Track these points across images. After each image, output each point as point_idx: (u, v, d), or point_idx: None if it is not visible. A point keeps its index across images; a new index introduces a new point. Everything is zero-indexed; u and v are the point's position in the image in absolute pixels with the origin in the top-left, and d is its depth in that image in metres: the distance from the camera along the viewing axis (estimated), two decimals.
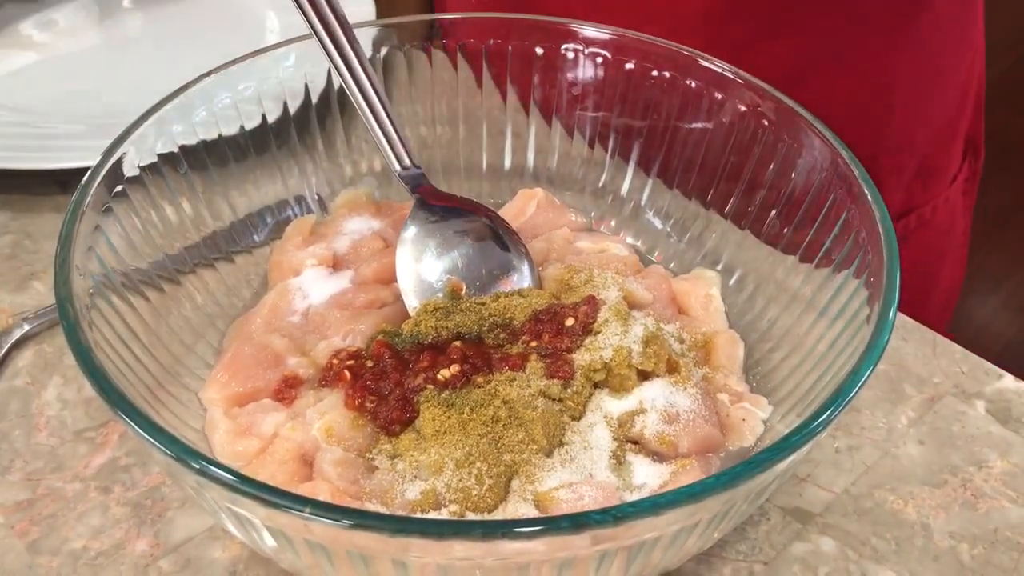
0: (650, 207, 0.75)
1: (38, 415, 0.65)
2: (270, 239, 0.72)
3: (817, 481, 0.63)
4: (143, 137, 0.62)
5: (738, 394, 0.61)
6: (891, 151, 0.90)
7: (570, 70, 0.74)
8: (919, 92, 0.89)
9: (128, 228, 0.61)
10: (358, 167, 0.77)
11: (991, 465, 0.64)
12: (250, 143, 0.71)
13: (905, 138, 0.91)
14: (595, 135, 0.76)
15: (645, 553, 0.46)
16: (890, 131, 0.90)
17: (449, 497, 0.53)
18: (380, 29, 0.74)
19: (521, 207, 0.74)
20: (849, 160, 0.60)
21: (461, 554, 0.42)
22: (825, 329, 0.59)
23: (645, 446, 0.57)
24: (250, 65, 0.69)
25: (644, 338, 0.60)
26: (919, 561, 0.59)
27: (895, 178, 0.92)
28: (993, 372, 0.70)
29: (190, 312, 0.65)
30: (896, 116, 0.89)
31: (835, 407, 0.47)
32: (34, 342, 0.70)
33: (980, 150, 1.03)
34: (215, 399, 0.60)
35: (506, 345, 0.61)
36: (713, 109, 0.70)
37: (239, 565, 0.57)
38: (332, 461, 0.55)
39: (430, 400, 0.56)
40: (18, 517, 0.59)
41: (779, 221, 0.67)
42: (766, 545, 0.59)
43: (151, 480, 0.61)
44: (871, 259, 0.56)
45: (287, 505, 0.42)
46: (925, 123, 0.92)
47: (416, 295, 0.65)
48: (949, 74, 0.92)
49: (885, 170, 0.90)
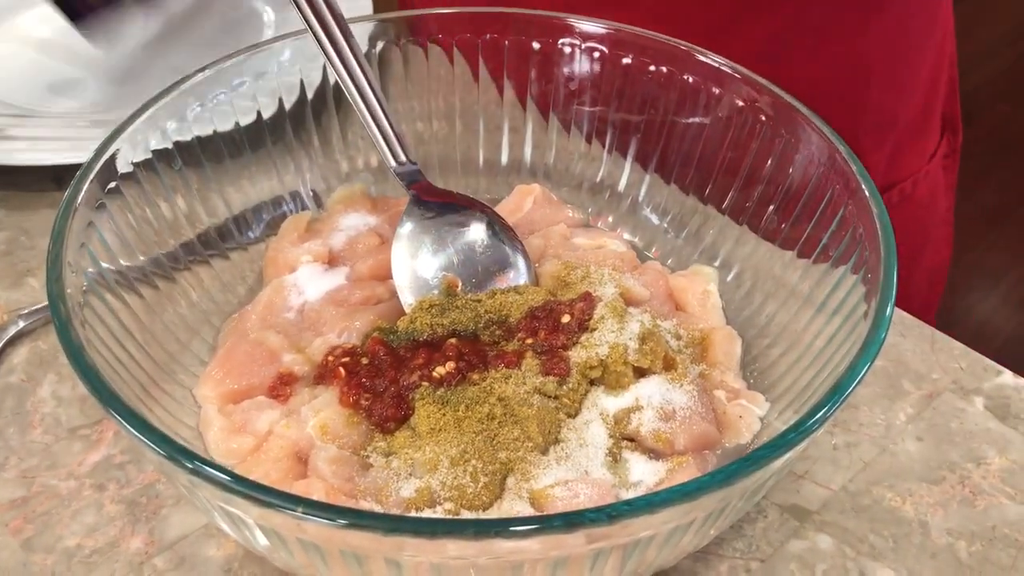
0: (647, 203, 0.75)
1: (33, 412, 0.65)
2: (265, 235, 0.72)
3: (815, 478, 0.62)
4: (137, 133, 0.62)
5: (735, 391, 0.61)
6: (870, 128, 0.91)
7: (567, 65, 0.74)
8: (895, 68, 0.90)
9: (122, 225, 0.60)
10: (354, 163, 0.77)
11: (989, 462, 0.64)
12: (245, 139, 0.70)
13: (883, 115, 0.92)
14: (592, 130, 0.76)
15: (640, 551, 0.46)
16: (869, 108, 0.91)
17: (444, 495, 0.53)
18: (376, 24, 0.74)
19: (518, 203, 0.74)
20: (847, 155, 0.60)
21: (455, 553, 0.42)
22: (823, 325, 0.58)
23: (641, 443, 0.57)
24: (245, 60, 0.69)
25: (640, 335, 0.59)
26: (917, 558, 0.58)
27: (875, 155, 0.93)
28: (992, 368, 0.69)
29: (185, 309, 0.65)
30: (873, 93, 0.90)
31: (832, 404, 0.47)
32: (29, 339, 0.70)
33: (958, 127, 1.05)
34: (210, 396, 0.60)
35: (502, 342, 0.61)
36: (710, 104, 0.69)
37: (234, 563, 0.57)
38: (327, 459, 0.55)
39: (425, 397, 0.56)
40: (12, 515, 0.59)
41: (777, 216, 0.66)
42: (763, 542, 0.59)
43: (146, 478, 0.61)
44: (868, 254, 0.55)
45: (280, 504, 0.42)
46: (903, 100, 0.93)
47: (412, 292, 0.65)
48: (922, 50, 0.93)
49: (866, 147, 0.91)
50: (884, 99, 0.91)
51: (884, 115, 0.92)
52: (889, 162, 0.95)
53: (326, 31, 0.64)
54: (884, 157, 0.94)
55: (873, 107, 0.91)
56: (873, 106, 0.91)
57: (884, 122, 0.93)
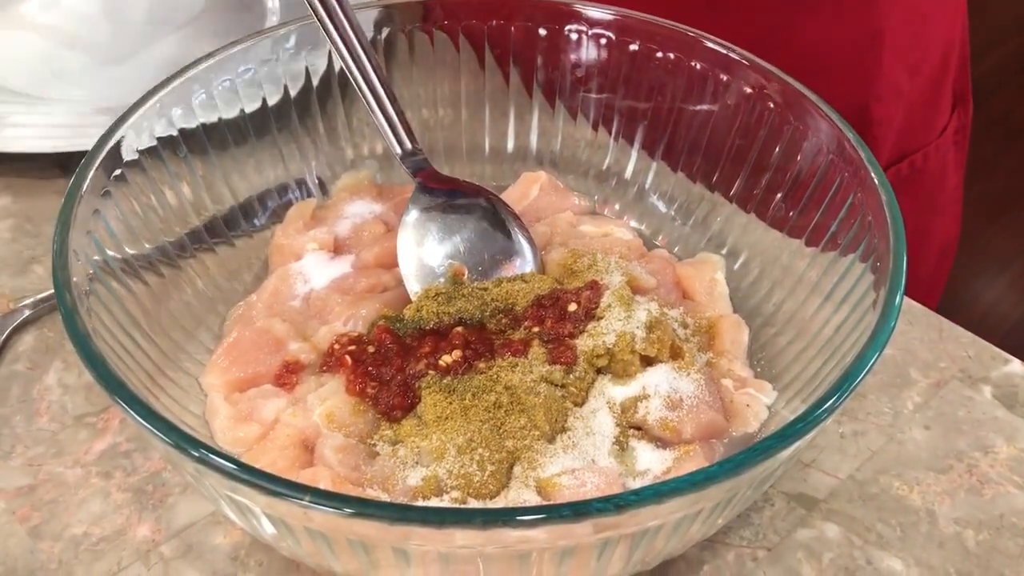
0: (654, 190, 0.75)
1: (39, 400, 0.65)
2: (271, 223, 0.72)
3: (822, 467, 0.62)
4: (142, 120, 0.62)
5: (742, 379, 0.61)
6: (881, 99, 0.91)
7: (574, 51, 0.73)
8: (908, 37, 0.90)
9: (127, 212, 0.60)
10: (359, 150, 0.77)
11: (997, 450, 0.63)
12: (250, 126, 0.70)
13: (894, 86, 0.92)
14: (599, 117, 0.76)
15: (648, 541, 0.46)
16: (881, 77, 0.90)
17: (451, 483, 0.53)
18: (381, 10, 0.73)
19: (524, 190, 0.73)
20: (856, 143, 0.59)
21: (462, 542, 0.42)
22: (831, 314, 0.58)
23: (648, 432, 0.57)
24: (251, 47, 0.68)
25: (647, 323, 0.59)
26: (924, 547, 0.58)
27: (886, 126, 0.93)
28: (1000, 357, 0.69)
29: (190, 297, 0.64)
30: (885, 64, 0.89)
31: (841, 393, 0.47)
32: (35, 327, 0.70)
33: (968, 103, 1.04)
34: (215, 384, 0.60)
35: (508, 331, 0.61)
36: (718, 91, 0.69)
37: (241, 551, 0.57)
38: (333, 447, 0.55)
39: (432, 386, 0.56)
40: (19, 502, 0.59)
41: (785, 204, 0.66)
42: (770, 531, 0.59)
43: (152, 466, 0.61)
44: (877, 243, 0.55)
45: (287, 493, 0.42)
46: (915, 70, 0.93)
47: (418, 280, 0.65)
48: (935, 23, 0.93)
49: (876, 119, 0.91)
50: (897, 68, 0.91)
51: (897, 85, 0.92)
52: (900, 134, 0.95)
53: (331, 17, 0.64)
54: (895, 128, 0.94)
55: (886, 76, 0.90)
56: (886, 75, 0.90)
57: (896, 92, 0.92)
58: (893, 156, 0.96)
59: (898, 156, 0.96)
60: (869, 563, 0.57)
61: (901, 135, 0.95)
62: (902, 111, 0.94)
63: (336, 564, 0.47)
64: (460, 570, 0.46)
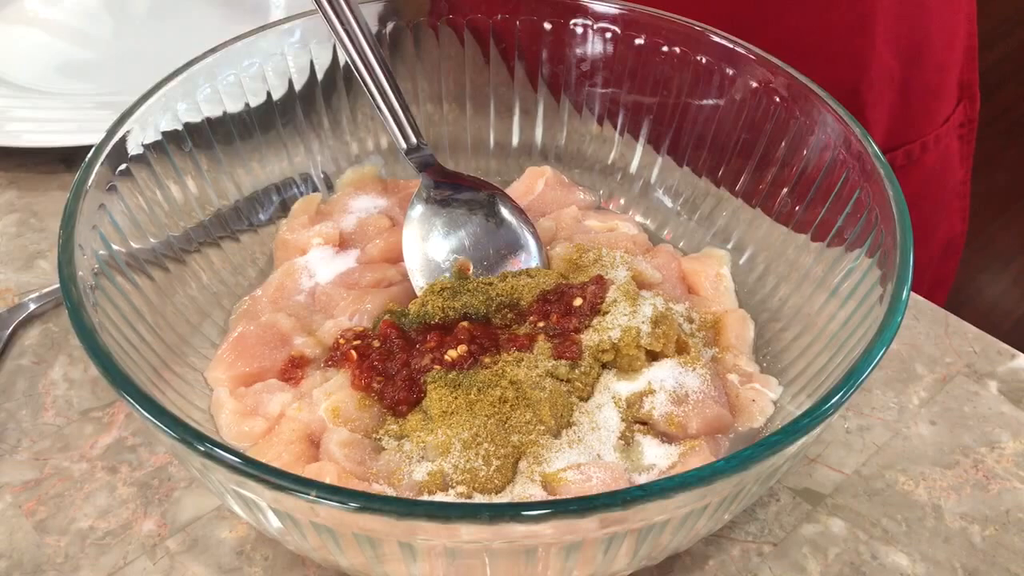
0: (660, 185, 0.75)
1: (45, 394, 0.65)
2: (276, 218, 0.72)
3: (827, 462, 0.62)
4: (147, 115, 0.62)
5: (748, 374, 0.61)
6: (873, 84, 0.90)
7: (579, 45, 0.73)
8: (901, 25, 0.89)
9: (132, 207, 0.60)
10: (364, 145, 0.76)
11: (1003, 446, 0.63)
12: (255, 121, 0.70)
13: (887, 71, 0.91)
14: (604, 112, 0.76)
15: (654, 536, 0.46)
16: (872, 63, 0.89)
17: (456, 478, 0.53)
18: (386, 4, 0.73)
19: (529, 185, 0.73)
20: (862, 137, 0.59)
21: (468, 537, 0.42)
22: (837, 309, 0.58)
23: (654, 427, 0.57)
24: (255, 41, 0.68)
25: (653, 318, 0.59)
26: (930, 543, 0.58)
27: (876, 110, 0.92)
28: (1006, 352, 0.69)
29: (195, 291, 0.64)
30: (878, 47, 0.89)
31: (847, 389, 0.47)
32: (40, 321, 0.70)
33: (976, 96, 1.03)
34: (221, 379, 0.60)
35: (513, 325, 0.61)
36: (724, 85, 0.69)
37: (246, 545, 0.57)
38: (339, 442, 0.55)
39: (437, 381, 0.56)
40: (26, 496, 0.59)
41: (791, 199, 0.66)
42: (776, 526, 0.59)
43: (158, 460, 0.61)
44: (884, 238, 0.55)
45: (293, 488, 0.42)
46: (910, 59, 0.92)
47: (423, 275, 0.65)
48: (931, 10, 0.92)
49: (867, 103, 0.90)
50: (888, 54, 0.90)
51: (889, 70, 0.91)
52: (894, 121, 0.94)
53: (336, 11, 0.64)
54: (885, 114, 0.93)
55: (877, 62, 0.90)
56: (877, 61, 0.90)
57: (888, 77, 0.91)
58: (886, 143, 0.95)
59: (892, 145, 0.96)
60: (875, 558, 0.57)
61: (895, 122, 0.94)
62: (895, 97, 0.93)
63: (342, 559, 0.47)
64: (466, 565, 0.46)
